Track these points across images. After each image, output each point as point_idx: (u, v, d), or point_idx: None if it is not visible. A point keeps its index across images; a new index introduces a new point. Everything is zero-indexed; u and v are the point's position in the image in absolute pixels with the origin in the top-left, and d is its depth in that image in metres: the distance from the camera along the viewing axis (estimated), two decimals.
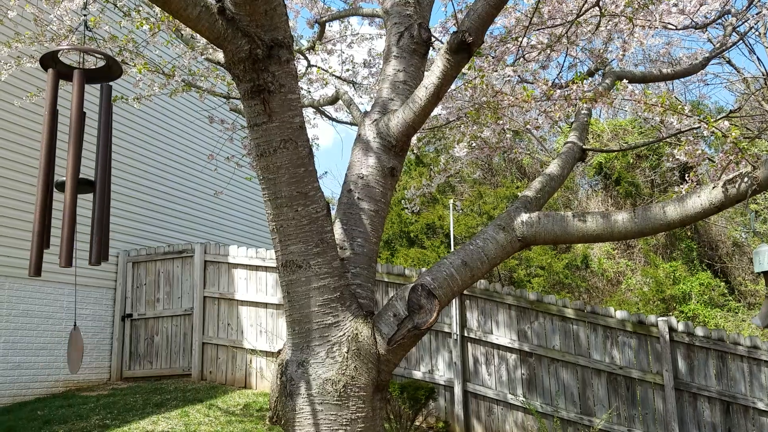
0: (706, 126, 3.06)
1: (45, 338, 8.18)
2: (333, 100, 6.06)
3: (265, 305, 8.84)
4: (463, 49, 2.98)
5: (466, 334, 8.01)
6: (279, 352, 3.15)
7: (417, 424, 7.56)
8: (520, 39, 4.91)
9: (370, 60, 6.76)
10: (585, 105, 3.68)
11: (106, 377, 9.16)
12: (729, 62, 11.52)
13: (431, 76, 3.12)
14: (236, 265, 9.07)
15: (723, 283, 17.25)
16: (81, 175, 2.94)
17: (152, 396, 7.96)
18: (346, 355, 2.93)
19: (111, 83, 3.22)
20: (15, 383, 7.94)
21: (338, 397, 2.89)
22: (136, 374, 9.17)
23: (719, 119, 3.20)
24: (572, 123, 4.84)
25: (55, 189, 3.04)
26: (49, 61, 3.08)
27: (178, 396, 7.99)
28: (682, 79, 6.63)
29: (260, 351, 8.68)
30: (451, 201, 18.02)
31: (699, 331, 7.25)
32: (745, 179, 2.91)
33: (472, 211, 18.87)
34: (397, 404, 7.07)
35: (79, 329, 3.25)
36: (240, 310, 8.97)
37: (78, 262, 2.93)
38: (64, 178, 2.99)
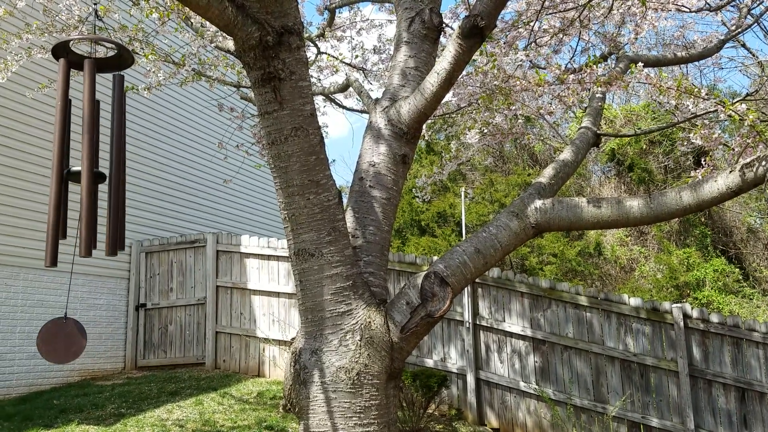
0: (723, 109, 3.00)
1: None
2: (343, 88, 6.03)
3: (278, 294, 8.86)
4: (475, 34, 2.94)
5: (478, 323, 7.99)
6: (292, 340, 3.15)
7: (430, 411, 7.57)
8: (531, 23, 4.85)
9: (380, 46, 6.71)
10: (599, 89, 3.63)
11: (120, 366, 9.23)
12: (743, 45, 11.34)
13: (443, 62, 3.08)
14: (248, 255, 9.09)
15: (737, 270, 17.10)
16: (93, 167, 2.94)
17: (167, 385, 8.02)
18: (359, 343, 2.92)
19: (123, 72, 3.22)
20: (31, 373, 8.03)
21: (352, 385, 2.89)
22: (151, 363, 9.24)
23: (736, 102, 3.15)
24: (585, 108, 4.79)
25: (69, 180, 3.04)
26: (60, 51, 3.07)
27: (192, 384, 8.04)
28: (696, 63, 6.53)
29: (273, 340, 8.71)
30: (462, 189, 17.94)
31: (714, 318, 7.19)
32: (763, 163, 2.86)
33: (484, 199, 18.80)
34: (410, 392, 7.08)
35: (74, 320, 3.16)
36: (252, 299, 9.00)
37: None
38: (76, 168, 2.99)
